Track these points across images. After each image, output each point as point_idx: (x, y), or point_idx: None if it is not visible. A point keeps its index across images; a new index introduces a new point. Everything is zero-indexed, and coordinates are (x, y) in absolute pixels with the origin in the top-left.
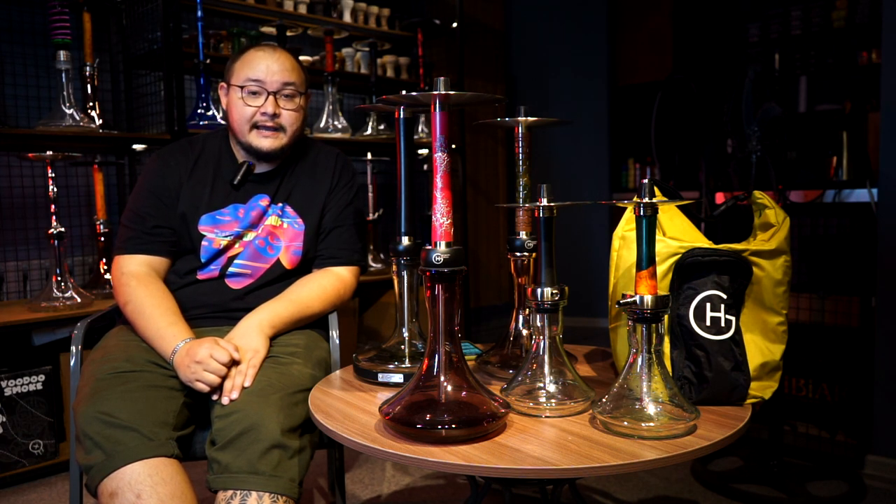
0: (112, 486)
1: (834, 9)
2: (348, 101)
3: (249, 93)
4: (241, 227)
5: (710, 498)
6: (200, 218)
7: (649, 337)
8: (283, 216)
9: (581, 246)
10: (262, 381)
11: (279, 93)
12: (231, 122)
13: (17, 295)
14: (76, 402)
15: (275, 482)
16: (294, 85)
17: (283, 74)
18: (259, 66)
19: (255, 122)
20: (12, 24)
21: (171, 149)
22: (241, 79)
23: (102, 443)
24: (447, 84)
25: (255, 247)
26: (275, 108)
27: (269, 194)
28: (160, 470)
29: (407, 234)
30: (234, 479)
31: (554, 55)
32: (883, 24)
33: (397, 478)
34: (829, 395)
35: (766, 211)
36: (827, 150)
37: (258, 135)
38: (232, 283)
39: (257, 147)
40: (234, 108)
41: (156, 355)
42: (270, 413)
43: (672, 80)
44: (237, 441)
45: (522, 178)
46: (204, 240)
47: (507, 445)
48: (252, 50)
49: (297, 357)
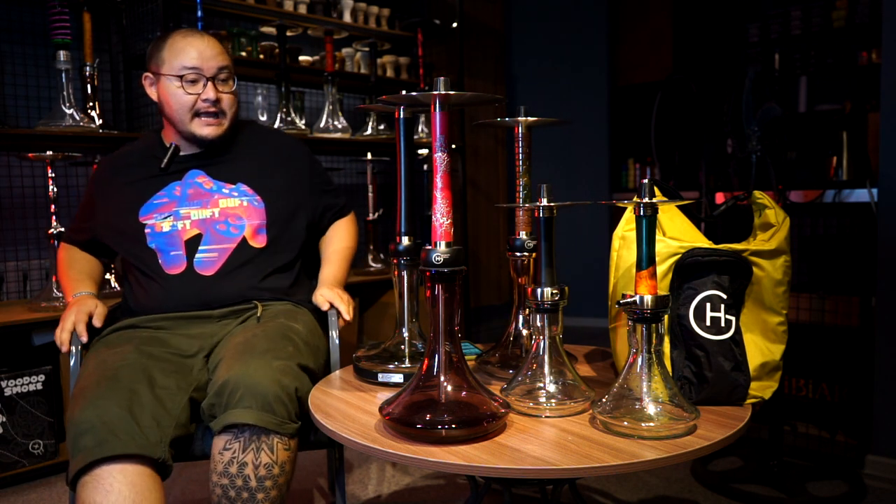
0: (89, 486)
1: (834, 9)
2: (348, 101)
3: (188, 81)
4: (180, 206)
5: (710, 498)
6: (140, 210)
7: (649, 337)
8: (241, 195)
9: (581, 246)
10: (263, 346)
11: (216, 77)
12: (168, 112)
13: (17, 295)
14: (75, 392)
15: (277, 422)
16: (228, 68)
17: (218, 59)
18: (191, 53)
19: (196, 110)
20: (12, 24)
21: (109, 159)
22: (176, 68)
23: (91, 436)
24: (447, 84)
25: (215, 230)
26: (215, 94)
27: (205, 170)
28: (143, 479)
29: (407, 234)
30: (235, 414)
31: (554, 55)
32: (883, 24)
33: (397, 478)
34: (829, 395)
35: (766, 211)
36: (827, 150)
37: (200, 123)
38: (202, 270)
39: (200, 136)
40: (172, 98)
41: (157, 350)
42: (268, 374)
43: (672, 80)
44: (235, 395)
45: (522, 178)
46: (146, 227)
47: (507, 445)
48: (178, 36)
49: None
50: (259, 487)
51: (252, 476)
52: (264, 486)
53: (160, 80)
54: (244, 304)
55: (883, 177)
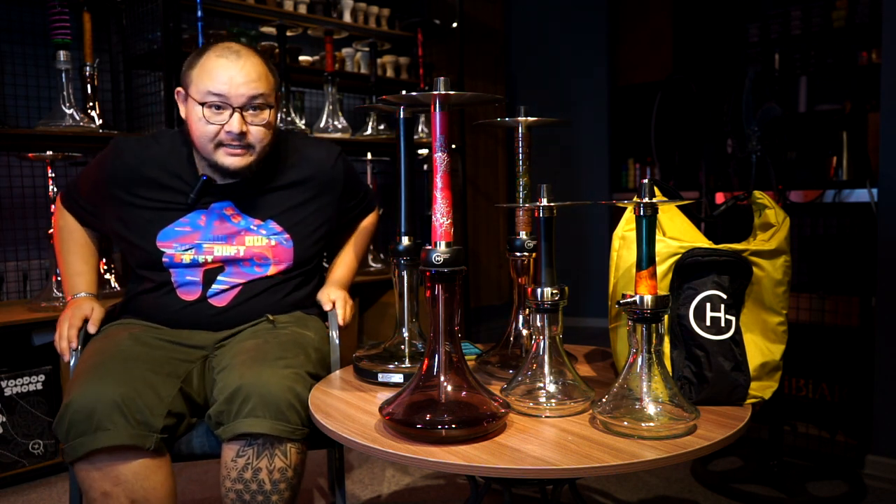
0: (88, 466)
1: (834, 9)
2: (348, 101)
3: (211, 108)
4: (203, 239)
5: (710, 498)
6: (157, 234)
7: (649, 337)
8: (270, 234)
9: (581, 246)
10: (275, 353)
11: (245, 107)
12: (192, 137)
13: (17, 295)
14: (73, 376)
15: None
16: (263, 96)
17: (250, 87)
18: (221, 78)
19: (219, 141)
20: (12, 24)
21: (131, 148)
22: (201, 93)
23: (86, 418)
24: (447, 84)
25: (239, 267)
26: (241, 127)
27: (234, 202)
28: (141, 468)
29: (407, 234)
30: (245, 424)
31: (554, 55)
32: (883, 24)
33: (397, 478)
34: (829, 395)
35: (766, 211)
36: (827, 150)
37: (224, 153)
38: (215, 301)
39: (223, 165)
40: (195, 123)
41: (152, 340)
42: (281, 382)
43: (672, 80)
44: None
45: (522, 178)
46: (164, 256)
47: (507, 445)
48: (212, 55)
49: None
50: (273, 490)
51: (266, 480)
52: (279, 488)
53: (188, 100)
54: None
55: (883, 177)
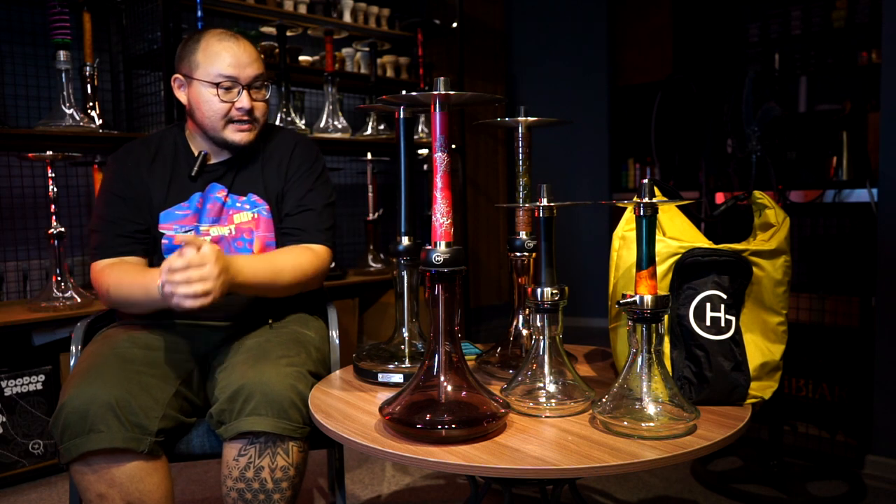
0: (83, 468)
1: (834, 9)
2: (348, 101)
3: (223, 88)
4: (201, 221)
5: (710, 498)
6: (160, 216)
7: (649, 337)
8: (253, 207)
9: (581, 246)
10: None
11: (251, 85)
12: (199, 118)
13: (17, 295)
14: (69, 378)
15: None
16: (262, 76)
17: (254, 66)
18: (228, 59)
19: (230, 118)
20: (12, 24)
21: (126, 149)
22: (212, 74)
23: (80, 420)
24: (447, 84)
25: (233, 248)
26: (250, 102)
27: (226, 185)
28: (137, 470)
29: (407, 234)
30: (248, 422)
31: (554, 55)
32: (883, 24)
33: (397, 478)
34: (829, 395)
35: (766, 211)
36: (827, 150)
37: (233, 129)
38: None
39: (232, 141)
40: (205, 104)
41: (151, 341)
42: (283, 380)
43: (672, 80)
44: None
45: (522, 178)
46: (164, 237)
47: (507, 445)
48: (212, 39)
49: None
50: (275, 489)
51: (269, 479)
52: (280, 487)
53: (192, 84)
54: (253, 317)
55: (883, 177)
